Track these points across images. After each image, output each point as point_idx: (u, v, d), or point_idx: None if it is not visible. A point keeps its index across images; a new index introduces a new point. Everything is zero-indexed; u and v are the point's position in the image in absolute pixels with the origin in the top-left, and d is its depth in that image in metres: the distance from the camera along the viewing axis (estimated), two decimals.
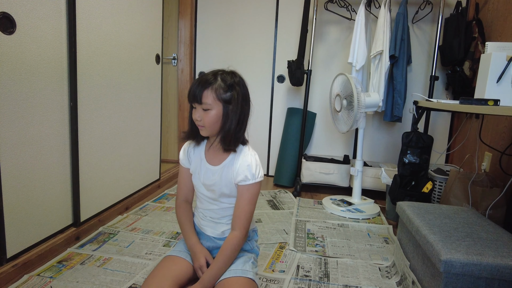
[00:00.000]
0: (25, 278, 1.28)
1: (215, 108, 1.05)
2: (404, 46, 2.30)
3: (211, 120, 1.06)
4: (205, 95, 1.04)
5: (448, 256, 0.99)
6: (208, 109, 1.05)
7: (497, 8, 2.09)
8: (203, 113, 1.06)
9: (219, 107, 1.06)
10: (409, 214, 1.33)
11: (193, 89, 1.06)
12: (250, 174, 1.10)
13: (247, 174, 1.10)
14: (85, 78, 1.62)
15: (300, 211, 2.17)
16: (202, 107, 1.06)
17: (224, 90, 1.05)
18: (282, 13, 2.81)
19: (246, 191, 1.11)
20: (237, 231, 1.11)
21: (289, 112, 2.83)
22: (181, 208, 1.25)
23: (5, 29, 1.20)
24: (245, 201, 1.11)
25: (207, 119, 1.06)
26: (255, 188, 1.12)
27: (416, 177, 1.84)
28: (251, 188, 1.11)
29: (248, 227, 1.14)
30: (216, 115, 1.06)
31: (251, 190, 1.11)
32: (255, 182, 1.11)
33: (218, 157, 1.15)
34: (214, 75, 1.07)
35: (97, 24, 1.67)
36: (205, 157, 1.18)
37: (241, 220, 1.11)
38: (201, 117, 1.06)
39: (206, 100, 1.04)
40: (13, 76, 1.24)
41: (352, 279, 1.38)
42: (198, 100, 1.05)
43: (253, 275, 1.11)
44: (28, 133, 1.33)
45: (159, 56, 2.36)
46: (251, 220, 1.15)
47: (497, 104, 1.30)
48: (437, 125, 2.66)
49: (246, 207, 1.11)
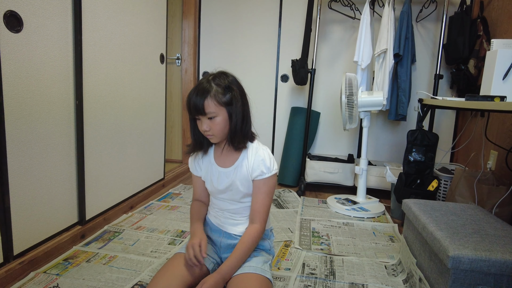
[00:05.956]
0: (31, 275, 1.28)
1: (220, 114, 1.06)
2: (408, 44, 2.30)
3: (220, 127, 1.07)
4: (207, 104, 1.04)
5: (456, 252, 0.98)
6: (213, 117, 1.06)
7: (502, 5, 2.08)
8: (210, 122, 1.06)
9: (223, 111, 1.06)
10: (416, 211, 1.32)
11: (193, 102, 1.05)
12: (266, 168, 1.11)
13: (263, 169, 1.11)
14: (91, 77, 1.62)
15: (305, 210, 2.16)
16: (207, 117, 1.06)
17: (222, 94, 1.05)
18: (285, 12, 2.82)
19: (263, 185, 1.13)
20: (257, 223, 1.13)
21: (293, 112, 2.83)
22: (194, 204, 1.27)
23: (12, 27, 1.20)
24: (263, 194, 1.13)
25: (215, 127, 1.07)
26: (272, 181, 1.14)
27: (422, 175, 1.83)
28: (268, 181, 1.13)
29: (266, 220, 1.16)
30: (223, 120, 1.07)
31: (268, 183, 1.13)
32: (271, 175, 1.13)
33: (229, 159, 1.16)
34: (207, 82, 1.06)
35: (102, 23, 1.68)
36: (215, 162, 1.18)
37: (260, 214, 1.13)
38: (209, 127, 1.07)
39: (209, 109, 1.04)
40: (20, 74, 1.25)
41: (358, 277, 1.37)
42: (201, 112, 1.05)
43: (270, 275, 1.12)
44: (34, 132, 1.34)
45: (164, 56, 2.37)
46: (269, 213, 1.17)
47: (503, 100, 1.29)
48: (441, 123, 2.65)
49: (264, 200, 1.13)
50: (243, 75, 3.06)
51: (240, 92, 1.10)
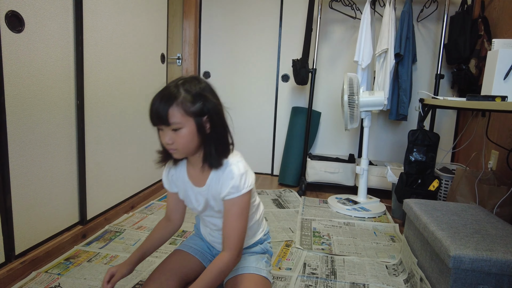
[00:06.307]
0: (33, 274, 1.28)
1: (187, 126, 0.90)
2: (409, 44, 2.30)
3: (185, 140, 0.91)
4: (172, 113, 0.88)
5: (457, 252, 0.98)
6: (178, 129, 0.90)
7: (503, 5, 2.08)
8: (173, 134, 0.90)
9: (190, 123, 0.90)
10: (417, 211, 1.32)
11: (155, 109, 0.89)
12: (234, 187, 0.96)
13: (230, 188, 0.96)
14: (92, 77, 1.63)
15: (306, 209, 2.16)
16: (171, 128, 0.90)
17: (191, 102, 0.89)
18: (286, 12, 2.81)
19: (232, 206, 0.97)
20: (227, 252, 0.96)
21: (294, 111, 2.83)
22: (159, 224, 1.15)
23: (14, 28, 1.21)
24: (233, 216, 0.97)
25: (180, 141, 0.91)
26: (243, 201, 0.98)
27: (423, 175, 1.83)
28: (238, 202, 0.97)
29: (241, 246, 0.99)
30: (190, 133, 0.91)
31: (238, 203, 0.97)
32: (241, 194, 0.96)
33: (201, 177, 1.02)
34: (176, 87, 0.91)
35: (103, 23, 1.68)
36: (189, 180, 1.05)
37: (230, 240, 0.97)
38: (172, 139, 0.91)
39: (174, 119, 0.88)
40: (22, 74, 1.25)
41: (359, 277, 1.37)
42: (164, 122, 0.89)
43: (266, 273, 1.09)
44: (36, 132, 1.34)
45: (164, 56, 2.37)
46: (244, 238, 1.00)
47: (504, 100, 1.29)
48: (442, 123, 2.65)
49: (235, 223, 0.97)
50: (243, 75, 3.08)
51: (214, 101, 0.94)
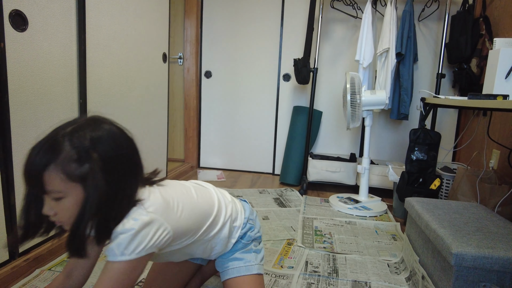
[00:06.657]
0: (36, 272, 1.29)
1: (70, 194, 0.68)
2: (411, 43, 2.30)
3: (69, 213, 0.70)
4: (48, 179, 0.66)
5: (459, 249, 0.99)
6: (60, 198, 0.69)
7: (505, 4, 2.08)
8: (54, 204, 0.69)
9: (75, 190, 0.68)
10: (418, 209, 1.33)
11: (27, 169, 0.67)
12: (110, 249, 0.72)
13: (115, 245, 0.71)
14: (94, 76, 1.63)
15: (307, 208, 2.17)
16: (50, 197, 0.69)
17: (77, 163, 0.67)
18: (287, 11, 2.82)
19: (105, 270, 0.73)
20: None
21: (295, 111, 2.83)
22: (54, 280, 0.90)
23: (17, 26, 1.21)
24: (101, 282, 0.72)
25: (63, 213, 0.70)
26: (120, 270, 0.72)
27: (424, 174, 1.83)
28: (114, 268, 0.72)
29: None
30: (75, 204, 0.69)
31: (112, 270, 0.72)
32: (122, 260, 0.71)
33: None
34: (62, 137, 0.68)
35: (106, 23, 1.69)
36: None
37: None
38: (54, 210, 0.70)
39: (52, 186, 0.67)
40: (25, 73, 1.26)
41: (361, 275, 1.38)
42: (40, 190, 0.68)
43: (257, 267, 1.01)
44: (39, 130, 1.34)
45: (166, 55, 2.38)
46: None
47: (506, 99, 1.30)
48: (444, 123, 2.65)
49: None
50: (245, 74, 3.09)
51: (110, 157, 0.71)
